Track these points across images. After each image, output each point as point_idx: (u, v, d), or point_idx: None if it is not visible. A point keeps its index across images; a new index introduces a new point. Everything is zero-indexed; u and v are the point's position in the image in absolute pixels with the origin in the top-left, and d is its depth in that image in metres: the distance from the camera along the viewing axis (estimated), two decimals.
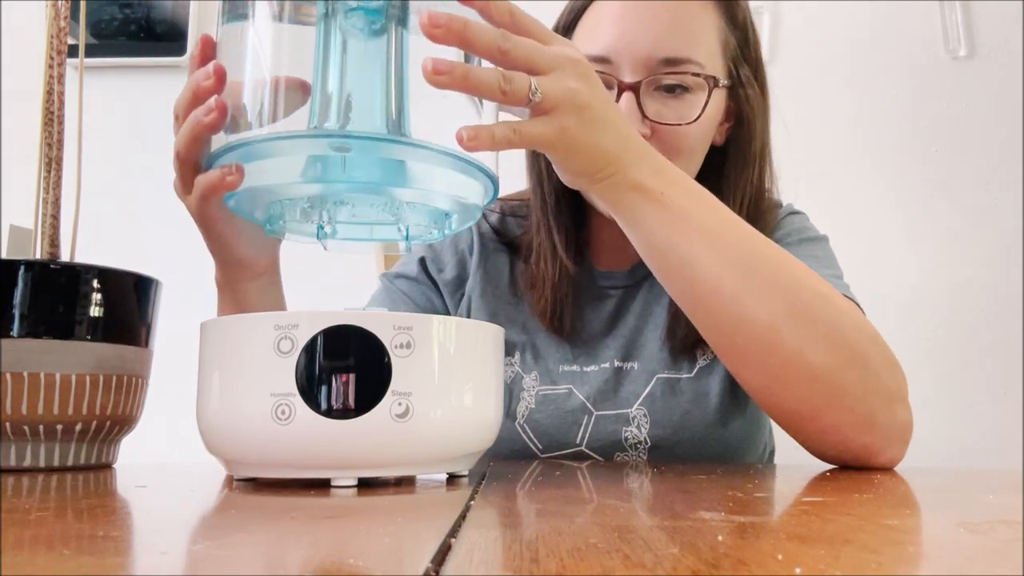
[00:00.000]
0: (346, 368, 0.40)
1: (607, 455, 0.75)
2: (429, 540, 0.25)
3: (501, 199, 0.86)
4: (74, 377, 0.52)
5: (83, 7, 0.60)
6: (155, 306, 0.59)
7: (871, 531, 0.27)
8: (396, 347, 0.41)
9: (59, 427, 0.52)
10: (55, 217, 0.56)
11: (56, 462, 0.53)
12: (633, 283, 0.81)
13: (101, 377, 0.54)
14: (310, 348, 0.40)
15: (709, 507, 0.33)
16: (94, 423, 0.54)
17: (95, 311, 0.54)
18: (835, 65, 1.56)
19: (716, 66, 0.71)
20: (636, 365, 0.77)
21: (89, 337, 0.53)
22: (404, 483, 0.45)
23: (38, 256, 0.55)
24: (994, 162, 1.51)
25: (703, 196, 0.58)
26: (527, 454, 0.77)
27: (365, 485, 0.43)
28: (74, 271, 0.54)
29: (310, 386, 0.40)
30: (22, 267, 0.52)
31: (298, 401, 0.40)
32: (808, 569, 0.20)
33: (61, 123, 0.56)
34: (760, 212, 0.76)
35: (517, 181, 0.82)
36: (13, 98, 1.56)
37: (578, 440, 0.76)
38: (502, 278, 0.83)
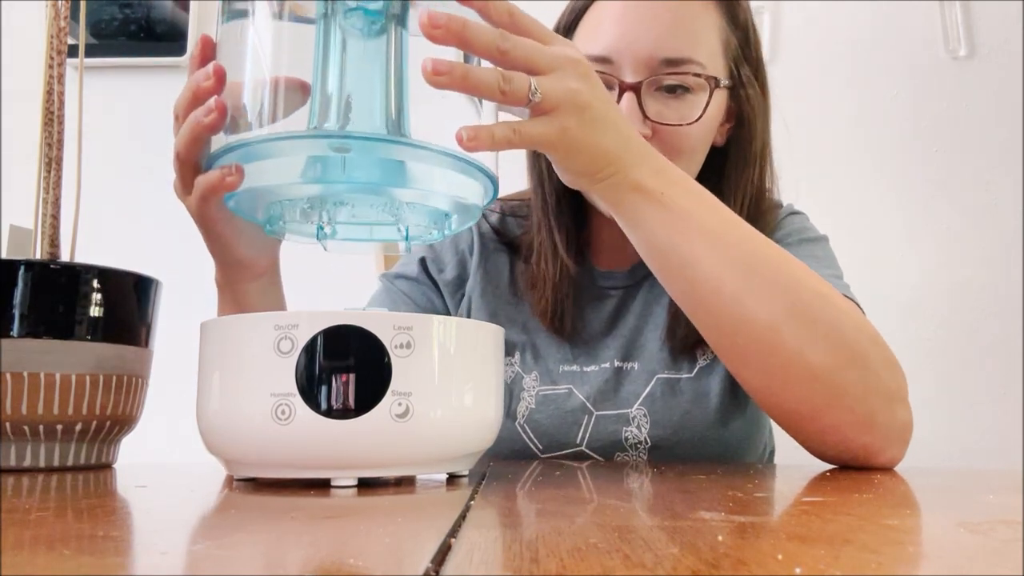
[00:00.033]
0: (346, 368, 0.40)
1: (607, 455, 0.75)
2: (429, 540, 0.25)
3: (501, 199, 0.86)
4: (74, 377, 0.52)
5: (83, 7, 0.60)
6: (155, 306, 0.59)
7: (871, 531, 0.27)
8: (396, 347, 0.41)
9: (59, 427, 0.52)
10: (55, 217, 0.56)
11: (56, 462, 0.53)
12: (633, 283, 0.81)
13: (101, 377, 0.54)
14: (310, 348, 0.40)
15: (709, 507, 0.33)
16: (94, 423, 0.54)
17: (95, 311, 0.54)
18: (835, 65, 1.56)
19: (717, 66, 0.71)
20: (636, 365, 0.77)
21: (89, 337, 0.53)
22: (404, 483, 0.45)
23: (38, 256, 0.55)
24: (994, 162, 1.51)
25: (704, 196, 0.58)
26: (527, 454, 0.77)
27: (365, 485, 0.43)
28: (74, 271, 0.54)
29: (310, 386, 0.40)
30: (22, 267, 0.52)
31: (298, 401, 0.40)
32: (808, 569, 0.20)
33: (61, 123, 0.56)
34: (760, 212, 0.76)
35: (517, 181, 0.82)
36: (13, 98, 1.56)
37: (578, 440, 0.76)
38: (502, 278, 0.83)
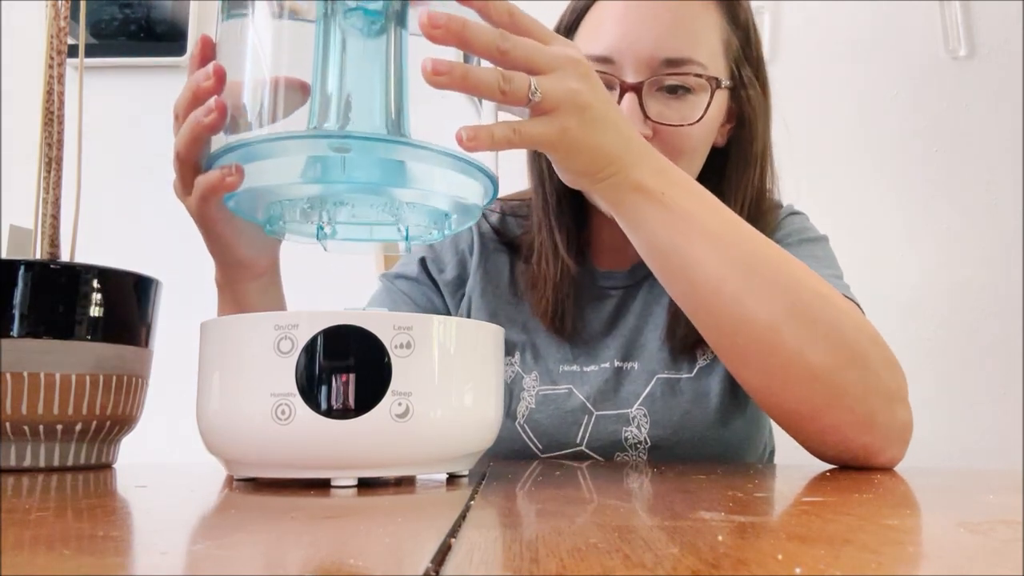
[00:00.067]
0: (346, 368, 0.40)
1: (607, 455, 0.75)
2: (429, 540, 0.25)
3: (501, 199, 0.86)
4: (74, 377, 0.52)
5: (83, 7, 0.60)
6: (155, 306, 0.59)
7: (871, 531, 0.27)
8: (396, 347, 0.41)
9: (59, 427, 0.52)
10: (55, 217, 0.56)
11: (56, 462, 0.53)
12: (633, 283, 0.81)
13: (101, 377, 0.54)
14: (310, 348, 0.40)
15: (709, 507, 0.33)
16: (94, 423, 0.54)
17: (95, 311, 0.54)
18: (835, 65, 1.56)
19: (718, 66, 0.71)
20: (636, 365, 0.77)
21: (89, 337, 0.53)
22: (404, 483, 0.45)
23: (38, 256, 0.55)
24: (994, 162, 1.51)
25: (704, 197, 0.58)
26: (527, 454, 0.77)
27: (365, 485, 0.43)
28: (74, 271, 0.54)
29: (310, 386, 0.40)
30: (22, 267, 0.52)
31: (298, 401, 0.40)
32: (808, 569, 0.20)
33: (61, 123, 0.56)
34: (761, 212, 0.76)
35: (517, 181, 0.82)
36: (13, 98, 1.56)
37: (578, 440, 0.76)
38: (502, 278, 0.83)
